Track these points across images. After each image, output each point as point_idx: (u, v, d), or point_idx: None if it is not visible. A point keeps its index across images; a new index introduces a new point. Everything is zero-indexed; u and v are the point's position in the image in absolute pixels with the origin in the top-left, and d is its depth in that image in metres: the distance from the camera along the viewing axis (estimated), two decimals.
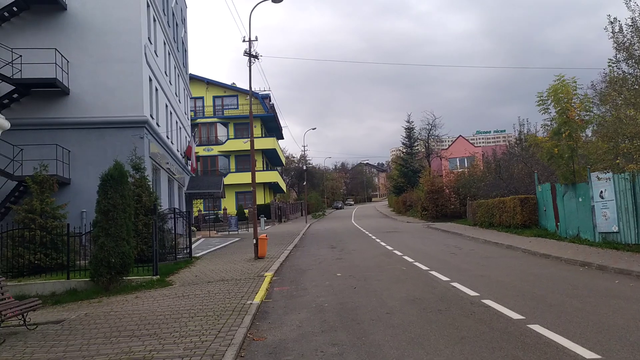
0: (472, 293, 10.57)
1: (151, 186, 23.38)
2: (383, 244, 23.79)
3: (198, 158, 59.46)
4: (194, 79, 60.43)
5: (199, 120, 60.46)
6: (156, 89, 25.93)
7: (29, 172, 19.40)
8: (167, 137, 28.88)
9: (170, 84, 30.92)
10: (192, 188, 36.93)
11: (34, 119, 21.57)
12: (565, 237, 20.92)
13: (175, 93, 32.96)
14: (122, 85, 22.28)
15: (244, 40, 20.60)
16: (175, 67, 33.32)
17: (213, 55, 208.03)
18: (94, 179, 21.54)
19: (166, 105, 28.82)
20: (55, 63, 20.86)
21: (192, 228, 34.12)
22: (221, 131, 61.61)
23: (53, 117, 21.76)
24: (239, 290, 12.55)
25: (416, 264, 15.94)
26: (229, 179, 58.59)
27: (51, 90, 21.55)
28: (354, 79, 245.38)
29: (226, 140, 60.71)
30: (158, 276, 15.85)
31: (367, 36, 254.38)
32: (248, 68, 19.87)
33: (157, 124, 25.79)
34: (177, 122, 33.18)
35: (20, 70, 20.70)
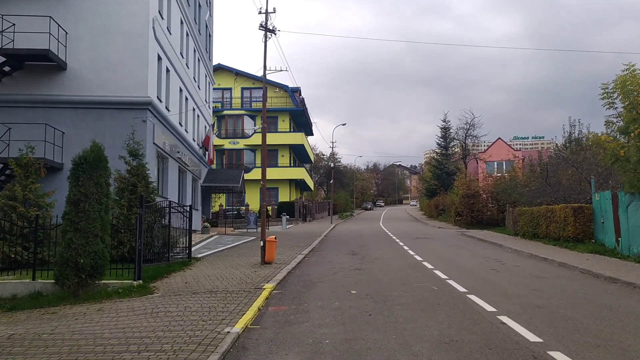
0: (531, 337, 7.61)
1: (154, 176, 21.02)
2: (411, 252, 20.82)
3: (223, 151, 57.47)
4: (223, 69, 58.40)
5: (225, 112, 58.39)
6: (167, 70, 23.55)
7: (16, 154, 17.20)
8: (180, 125, 26.54)
9: (188, 67, 28.58)
10: (209, 181, 34.61)
11: (26, 95, 19.45)
12: (629, 256, 17.60)
13: (194, 78, 30.63)
14: (125, 61, 19.95)
15: (260, 12, 17.94)
16: (195, 51, 30.99)
17: (243, 46, 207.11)
18: None
19: (180, 90, 26.46)
20: (50, 33, 18.64)
21: (206, 224, 31.83)
22: (248, 124, 59.35)
23: (47, 94, 19.59)
24: (224, 309, 9.87)
25: (450, 282, 12.98)
26: (253, 174, 56.25)
27: (47, 64, 19.38)
28: (392, 79, 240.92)
29: (253, 133, 58.39)
30: (140, 281, 13.33)
31: (407, 36, 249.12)
32: (263, 44, 17.11)
33: (167, 109, 23.44)
34: (194, 110, 30.85)
35: (13, 41, 18.57)
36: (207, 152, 34.02)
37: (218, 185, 34.95)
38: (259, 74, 18.88)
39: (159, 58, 22.08)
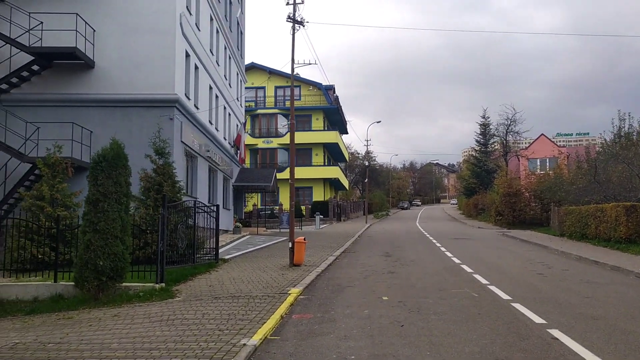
0: (589, 356, 6.60)
1: (182, 175, 20.59)
2: (449, 254, 19.74)
3: (257, 151, 57.16)
4: (256, 67, 58.09)
5: (259, 111, 58.07)
6: (196, 67, 23.10)
7: (44, 154, 17.01)
8: (210, 123, 26.10)
9: (218, 64, 28.15)
10: (241, 180, 34.17)
11: (54, 95, 19.26)
12: None
13: (225, 76, 30.20)
14: (152, 58, 19.55)
15: (287, 3, 17.22)
16: (226, 48, 30.56)
17: (276, 44, 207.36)
18: None
19: (210, 87, 26.02)
20: (77, 30, 18.37)
21: (238, 224, 31.39)
22: (282, 123, 58.88)
23: (75, 93, 19.36)
24: (244, 316, 9.16)
25: (492, 288, 11.94)
26: (287, 174, 55.68)
27: (74, 63, 19.15)
28: (429, 77, 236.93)
29: (286, 132, 57.81)
30: (163, 284, 12.77)
31: (444, 32, 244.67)
32: (292, 36, 16.40)
33: (196, 107, 23.00)
34: (225, 108, 30.43)
35: (41, 39, 18.40)
36: (238, 151, 33.58)
37: (250, 184, 34.47)
38: (287, 68, 18.19)
39: (187, 55, 21.63)
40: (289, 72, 18.59)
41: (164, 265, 13.05)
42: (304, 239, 16.63)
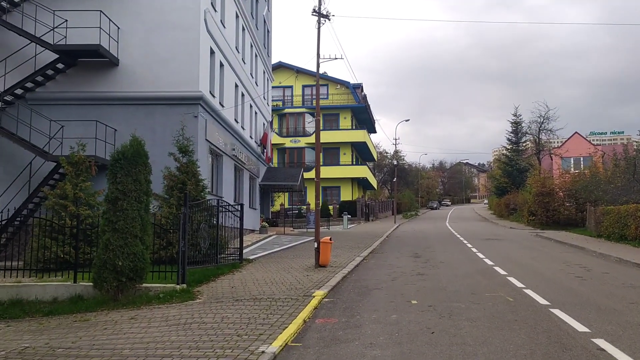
0: None
1: (207, 173, 20.34)
2: (481, 255, 18.97)
3: (284, 150, 56.91)
4: (283, 66, 57.83)
5: (286, 110, 57.76)
6: (221, 64, 22.83)
7: (68, 152, 16.93)
8: (236, 121, 25.83)
9: (244, 62, 27.87)
10: (268, 180, 33.84)
11: (79, 93, 19.20)
12: None
13: (251, 74, 29.91)
14: (176, 55, 19.33)
15: None
16: (252, 46, 30.28)
17: (304, 43, 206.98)
18: None
19: (236, 85, 25.74)
20: (100, 27, 18.25)
21: (264, 224, 31.06)
22: (309, 122, 58.48)
23: (99, 91, 19.26)
24: (265, 320, 8.71)
25: (528, 292, 11.23)
26: (314, 173, 55.37)
27: (99, 60, 19.05)
28: (459, 75, 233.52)
29: (314, 131, 57.45)
30: (184, 285, 12.44)
31: (474, 31, 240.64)
32: (317, 30, 15.92)
33: (221, 104, 22.72)
34: (251, 107, 30.15)
35: (65, 37, 18.34)
36: (265, 150, 33.27)
37: (276, 183, 34.12)
38: (313, 64, 17.68)
39: (212, 52, 21.36)
40: (314, 67, 18.14)
41: (185, 265, 12.73)
42: (330, 239, 16.12)
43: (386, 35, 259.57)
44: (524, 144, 55.78)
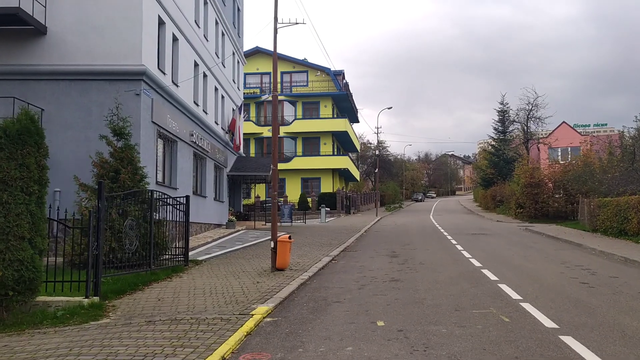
0: None
1: (151, 160, 17.71)
2: (466, 254, 16.59)
3: (262, 140, 54.19)
4: (261, 52, 54.99)
5: (264, 98, 54.86)
6: (174, 38, 20.10)
7: None
8: (196, 104, 23.13)
9: (207, 40, 25.12)
10: (237, 170, 31.17)
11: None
12: None
13: (216, 54, 27.15)
14: (115, 22, 16.58)
15: None
16: (218, 23, 27.50)
17: (284, 31, 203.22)
18: (73, 148, 16.23)
19: (195, 64, 23.01)
20: None
21: (232, 218, 28.45)
22: (288, 110, 55.79)
23: (24, 64, 16.46)
24: (169, 358, 6.19)
25: (527, 307, 8.82)
26: (294, 164, 52.84)
27: (23, 28, 16.24)
28: (445, 67, 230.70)
29: (293, 120, 54.83)
30: (96, 298, 9.86)
31: (461, 22, 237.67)
32: None
33: (175, 84, 20.01)
34: (216, 89, 27.42)
35: None
36: (233, 138, 30.56)
37: (247, 174, 31.44)
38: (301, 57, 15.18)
39: (161, 22, 18.64)
40: (302, 58, 15.56)
41: (98, 273, 10.14)
42: (290, 238, 13.61)
43: (372, 27, 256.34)
44: (511, 133, 53.61)
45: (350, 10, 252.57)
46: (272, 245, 13.38)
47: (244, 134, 37.11)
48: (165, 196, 14.09)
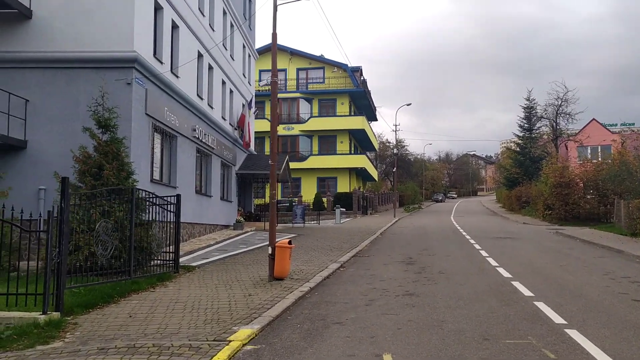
0: None
1: (146, 156, 16.28)
2: (492, 262, 14.77)
3: (277, 138, 52.72)
4: (277, 48, 53.36)
5: (279, 95, 53.23)
6: (174, 25, 18.65)
7: None
8: (200, 97, 21.66)
9: (213, 30, 23.65)
10: (247, 168, 29.68)
11: None
12: None
13: (224, 45, 25.68)
14: (104, 5, 15.19)
15: None
16: (225, 12, 26.04)
17: (300, 25, 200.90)
18: (59, 141, 14.75)
19: (199, 55, 21.54)
20: None
21: (240, 219, 26.97)
22: (304, 108, 54.20)
23: (6, 51, 15.14)
24: None
25: (574, 335, 7.05)
26: (309, 162, 51.27)
27: (5, 12, 14.91)
28: (468, 67, 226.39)
29: (309, 118, 53.26)
30: (56, 314, 8.37)
31: (484, 21, 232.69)
32: None
33: (175, 74, 18.56)
34: (224, 82, 25.95)
35: None
36: (242, 134, 29.06)
37: (256, 172, 29.91)
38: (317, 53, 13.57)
39: (158, 7, 17.19)
40: (319, 55, 13.94)
41: (61, 284, 8.64)
42: (290, 243, 11.98)
43: (392, 26, 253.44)
44: (538, 131, 51.10)
45: (371, 9, 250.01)
46: (270, 252, 11.78)
47: (257, 132, 35.73)
48: (152, 195, 12.56)
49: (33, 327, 7.87)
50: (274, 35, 12.95)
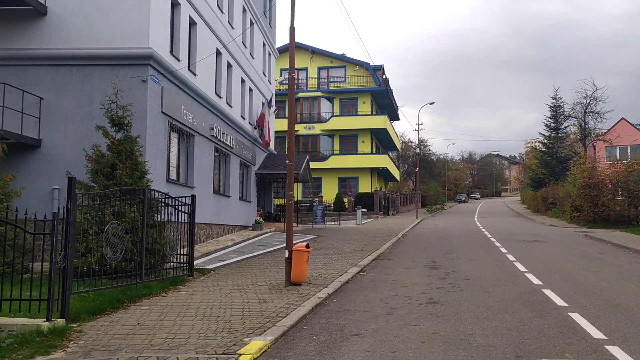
0: None
1: (162, 155, 15.94)
2: (521, 267, 14.05)
3: (298, 137, 52.14)
4: (297, 47, 52.05)
5: (300, 95, 52.94)
6: (192, 22, 18.29)
7: None
8: (219, 96, 21.29)
9: (232, 27, 23.27)
10: (266, 168, 29.25)
11: None
12: None
13: (243, 43, 25.30)
14: (121, 2, 14.87)
15: None
16: (245, 9, 25.66)
17: (321, 23, 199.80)
18: (74, 140, 14.48)
19: (218, 52, 21.17)
20: None
21: (259, 219, 26.56)
22: (325, 107, 53.66)
23: (22, 48, 14.94)
24: None
25: (616, 352, 6.41)
26: (331, 162, 50.79)
27: (21, 9, 14.72)
28: (493, 66, 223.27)
29: (330, 117, 52.72)
30: (61, 320, 8.01)
31: (510, 19, 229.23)
32: None
33: (193, 72, 18.21)
34: (243, 81, 25.57)
35: None
36: (262, 134, 28.63)
37: (276, 172, 29.45)
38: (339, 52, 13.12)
39: (175, 3, 16.85)
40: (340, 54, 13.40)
41: (66, 289, 8.28)
42: (307, 246, 11.47)
43: (416, 25, 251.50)
44: (565, 130, 49.71)
45: (396, 10, 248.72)
46: (287, 255, 11.30)
47: (277, 132, 35.33)
48: (165, 196, 12.17)
49: (36, 335, 7.50)
50: (292, 29, 12.45)
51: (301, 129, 52.16)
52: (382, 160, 53.43)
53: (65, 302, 8.27)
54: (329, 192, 48.75)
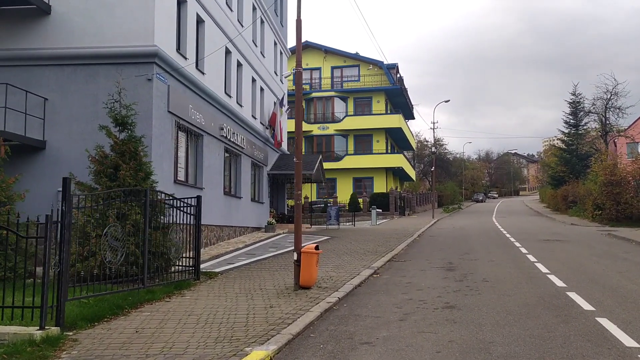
0: None
1: (168, 155, 15.56)
2: (542, 268, 13.38)
3: (312, 138, 51.67)
4: (311, 46, 52.46)
5: (314, 95, 52.49)
6: (199, 20, 17.92)
7: None
8: (228, 95, 20.89)
9: (242, 25, 22.87)
10: (278, 168, 28.82)
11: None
12: None
13: (254, 42, 24.90)
14: (125, 0, 14.52)
15: None
16: (255, 7, 25.25)
17: (334, 23, 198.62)
18: (79, 141, 14.13)
19: (227, 51, 20.78)
20: None
21: (271, 220, 26.14)
22: (339, 107, 53.09)
23: (25, 48, 14.66)
24: None
25: None
26: (345, 162, 50.22)
27: (25, 8, 14.46)
28: (510, 64, 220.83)
29: (344, 117, 52.15)
30: (57, 328, 7.62)
31: (526, 16, 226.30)
32: None
33: (201, 71, 17.83)
34: (254, 80, 25.17)
35: None
36: (274, 133, 28.21)
37: (288, 172, 28.98)
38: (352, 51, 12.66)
39: (182, 0, 16.48)
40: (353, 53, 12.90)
41: (61, 296, 7.89)
42: (317, 248, 10.98)
43: (431, 23, 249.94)
44: (585, 127, 48.52)
45: (407, 7, 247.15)
46: (295, 258, 10.82)
47: (290, 132, 34.87)
48: (169, 197, 11.76)
49: (27, 345, 7.10)
50: (299, 21, 11.91)
51: (315, 129, 51.73)
52: (397, 160, 52.69)
53: (60, 310, 7.89)
54: (344, 192, 48.17)
